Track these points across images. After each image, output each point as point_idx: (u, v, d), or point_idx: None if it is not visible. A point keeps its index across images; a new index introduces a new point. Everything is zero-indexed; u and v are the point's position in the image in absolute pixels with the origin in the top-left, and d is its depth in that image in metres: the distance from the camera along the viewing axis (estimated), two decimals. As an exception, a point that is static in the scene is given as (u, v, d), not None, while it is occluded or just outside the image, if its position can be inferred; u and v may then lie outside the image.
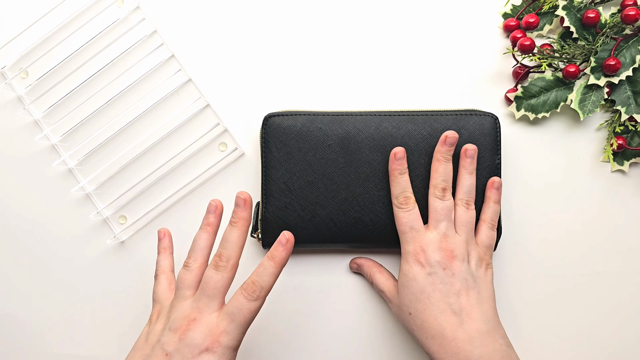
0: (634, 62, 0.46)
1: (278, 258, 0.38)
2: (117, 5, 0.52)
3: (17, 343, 0.52)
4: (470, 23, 0.51)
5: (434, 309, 0.39)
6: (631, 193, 0.49)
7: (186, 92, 0.52)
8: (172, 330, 0.37)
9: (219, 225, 0.42)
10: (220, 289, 0.38)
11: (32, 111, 0.53)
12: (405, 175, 0.44)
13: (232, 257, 0.39)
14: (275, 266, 0.38)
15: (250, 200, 0.40)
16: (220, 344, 0.36)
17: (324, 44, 0.52)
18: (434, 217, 0.43)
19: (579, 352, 0.49)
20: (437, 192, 0.43)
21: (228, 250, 0.39)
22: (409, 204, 0.43)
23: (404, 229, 0.43)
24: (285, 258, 0.38)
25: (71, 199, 0.52)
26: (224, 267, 0.38)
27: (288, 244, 0.38)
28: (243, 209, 0.40)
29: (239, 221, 0.40)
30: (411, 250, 0.42)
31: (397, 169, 0.44)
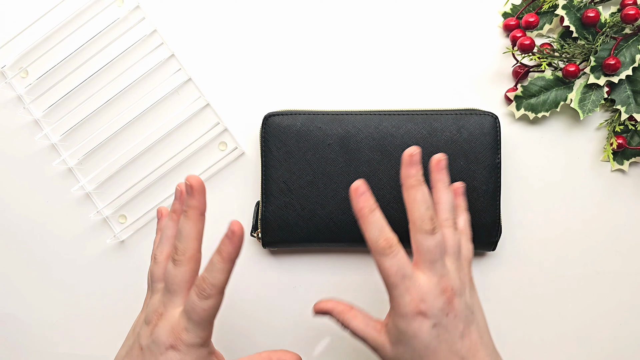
0: (634, 61, 0.46)
1: (225, 253, 0.34)
2: (117, 4, 0.52)
3: (17, 343, 0.52)
4: (470, 23, 0.51)
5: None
6: (631, 192, 0.49)
7: (186, 91, 0.52)
8: (146, 324, 0.36)
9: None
10: (179, 283, 0.36)
11: (32, 110, 0.53)
12: (377, 211, 0.36)
13: (188, 249, 0.36)
14: (223, 262, 0.34)
15: (199, 185, 0.36)
16: (182, 342, 0.34)
17: (323, 43, 0.52)
18: (427, 258, 0.35)
19: (579, 351, 0.49)
20: (425, 226, 0.35)
21: (182, 242, 0.36)
22: (393, 247, 0.35)
23: (394, 280, 0.35)
24: (232, 253, 0.34)
25: (71, 198, 0.52)
26: (181, 261, 0.35)
27: (234, 237, 0.34)
28: (191, 196, 0.36)
29: (189, 210, 0.36)
30: (408, 303, 0.34)
31: (365, 206, 0.35)
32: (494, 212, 0.46)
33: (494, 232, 0.46)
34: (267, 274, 0.51)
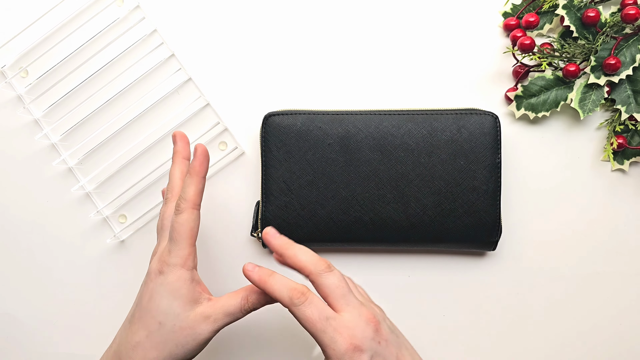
0: (634, 61, 0.46)
1: (191, 168, 0.39)
2: (117, 4, 0.52)
3: (17, 343, 0.52)
4: (470, 22, 0.51)
5: None
6: (631, 192, 0.49)
7: (186, 91, 0.52)
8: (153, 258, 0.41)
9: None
10: (168, 218, 0.41)
11: (32, 110, 0.53)
12: (275, 273, 0.37)
13: (174, 188, 0.42)
14: (190, 176, 0.39)
15: (181, 134, 0.44)
16: (166, 264, 0.38)
17: (323, 43, 0.52)
18: (338, 294, 0.35)
19: (579, 351, 0.49)
20: (320, 267, 0.36)
21: (170, 184, 0.42)
22: (306, 294, 0.35)
23: (320, 325, 0.34)
24: (197, 167, 0.39)
25: (71, 198, 0.52)
26: (169, 199, 0.41)
27: (196, 153, 0.39)
28: (175, 145, 0.44)
29: (174, 155, 0.43)
30: (341, 343, 0.33)
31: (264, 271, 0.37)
32: (494, 212, 0.46)
33: (494, 232, 0.46)
34: (267, 273, 0.51)
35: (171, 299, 0.37)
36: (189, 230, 0.38)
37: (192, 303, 0.37)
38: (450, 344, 0.49)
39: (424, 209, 0.46)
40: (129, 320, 0.38)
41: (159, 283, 0.37)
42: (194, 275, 0.38)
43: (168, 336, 0.36)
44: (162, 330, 0.36)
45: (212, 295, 0.40)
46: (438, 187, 0.46)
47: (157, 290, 0.37)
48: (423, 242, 0.47)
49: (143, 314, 0.37)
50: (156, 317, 0.37)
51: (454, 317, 0.50)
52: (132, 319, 0.38)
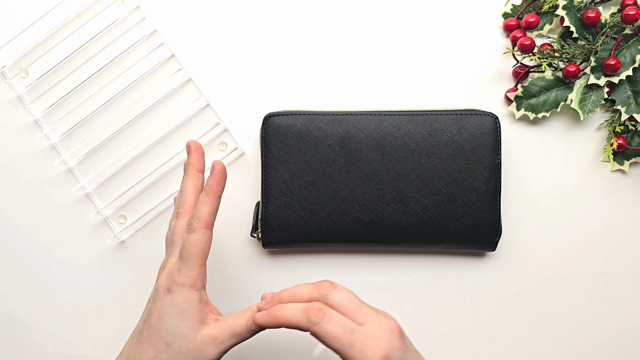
0: (634, 61, 0.46)
1: (207, 187, 0.38)
2: (117, 4, 0.52)
3: (17, 343, 0.52)
4: (470, 23, 0.51)
5: None
6: (631, 193, 0.49)
7: (186, 91, 0.52)
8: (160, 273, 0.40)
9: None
10: (178, 234, 0.39)
11: (32, 111, 0.53)
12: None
13: (186, 202, 0.40)
14: (206, 195, 0.37)
15: (196, 146, 0.41)
16: (175, 283, 0.37)
17: (323, 43, 0.52)
18: (353, 308, 0.35)
19: (579, 351, 0.49)
20: (324, 288, 0.36)
21: (181, 198, 0.40)
22: (323, 310, 0.34)
23: (346, 339, 0.33)
24: (214, 186, 0.37)
25: (71, 198, 0.52)
26: (181, 214, 0.40)
27: (214, 172, 0.38)
28: (189, 157, 0.41)
29: (187, 167, 0.41)
30: (371, 355, 0.32)
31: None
32: (494, 212, 0.46)
33: (494, 232, 0.46)
34: (267, 274, 0.51)
35: (179, 320, 0.37)
36: (201, 250, 0.37)
37: (200, 324, 0.37)
38: (450, 344, 0.49)
39: (424, 210, 0.46)
40: (137, 337, 0.38)
41: (167, 303, 0.37)
42: (203, 296, 0.38)
43: (175, 357, 0.36)
44: (170, 351, 0.36)
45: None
46: (438, 187, 0.46)
47: (166, 310, 0.37)
48: (423, 243, 0.47)
49: (151, 333, 0.37)
50: (164, 337, 0.36)
51: (454, 317, 0.50)
52: (140, 337, 0.38)
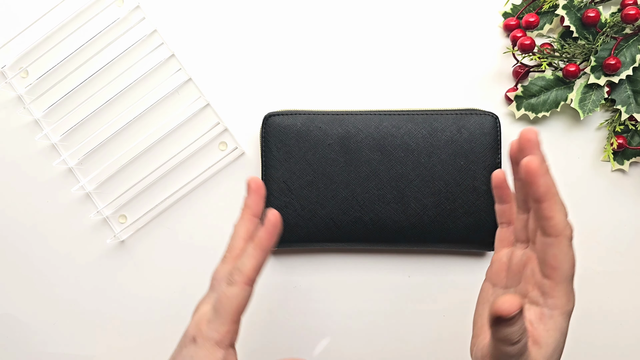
0: (634, 61, 0.46)
1: (257, 239, 0.34)
2: (117, 4, 0.52)
3: (17, 343, 0.52)
4: (470, 23, 0.51)
5: None
6: (631, 192, 0.49)
7: (186, 91, 0.52)
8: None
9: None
10: (219, 280, 0.36)
11: (32, 110, 0.53)
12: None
13: (234, 248, 0.36)
14: (254, 248, 0.34)
15: (257, 186, 0.36)
16: (202, 334, 0.33)
17: (323, 43, 0.52)
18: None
19: (579, 351, 0.49)
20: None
21: (232, 240, 0.37)
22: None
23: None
24: (264, 240, 0.33)
25: (71, 198, 0.52)
26: (227, 259, 0.36)
27: (268, 224, 0.33)
28: (247, 197, 0.36)
29: (243, 210, 0.37)
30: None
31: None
32: (494, 212, 0.46)
33: (494, 232, 0.46)
34: (267, 274, 0.51)
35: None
36: (236, 307, 0.33)
37: None
38: (451, 344, 0.49)
39: (424, 209, 0.46)
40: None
41: (189, 355, 0.34)
42: (228, 356, 0.34)
43: None
44: None
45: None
46: (438, 187, 0.46)
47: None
48: (423, 242, 0.47)
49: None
50: None
51: (454, 317, 0.49)
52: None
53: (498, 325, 0.27)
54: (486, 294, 0.37)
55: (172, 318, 0.51)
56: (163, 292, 0.51)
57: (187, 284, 0.51)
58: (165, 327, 0.51)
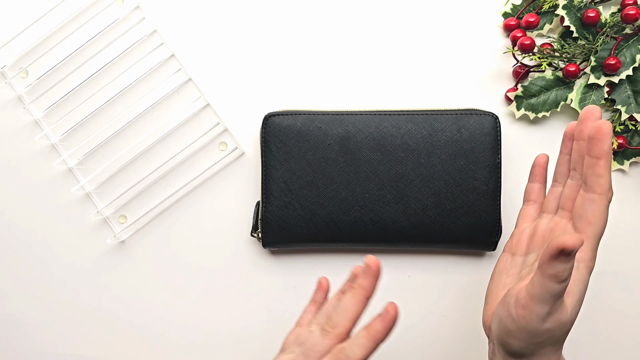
0: (634, 61, 0.46)
1: (372, 330, 0.33)
2: (117, 4, 0.52)
3: (17, 343, 0.52)
4: (470, 23, 0.51)
5: None
6: (631, 192, 0.49)
7: (186, 91, 0.52)
8: None
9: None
10: (319, 352, 0.34)
11: (32, 110, 0.53)
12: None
13: (340, 325, 0.35)
14: (367, 338, 0.33)
15: (376, 268, 0.35)
16: None
17: (323, 43, 0.52)
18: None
19: (578, 351, 0.49)
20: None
21: (338, 316, 0.35)
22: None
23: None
24: (380, 332, 0.33)
25: (71, 198, 0.52)
26: (329, 333, 0.35)
27: (387, 317, 0.33)
28: (364, 276, 0.35)
29: (358, 289, 0.35)
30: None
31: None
32: (494, 212, 0.46)
33: (494, 232, 0.46)
34: (267, 274, 0.51)
35: None
36: None
37: None
38: (451, 344, 0.49)
39: (424, 210, 0.46)
40: None
41: None
42: None
43: None
44: None
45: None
46: (438, 187, 0.46)
47: None
48: (423, 243, 0.47)
49: None
50: None
51: (454, 317, 0.50)
52: None
53: (555, 261, 0.29)
54: (505, 263, 0.39)
55: (172, 318, 0.51)
56: (163, 292, 0.51)
57: (187, 284, 0.51)
58: (165, 327, 0.51)
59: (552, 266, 0.29)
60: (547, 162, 0.41)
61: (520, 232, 0.39)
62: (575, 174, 0.36)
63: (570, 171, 0.37)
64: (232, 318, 0.51)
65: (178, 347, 0.51)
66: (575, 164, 0.36)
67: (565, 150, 0.38)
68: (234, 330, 0.51)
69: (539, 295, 0.30)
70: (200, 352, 0.51)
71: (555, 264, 0.29)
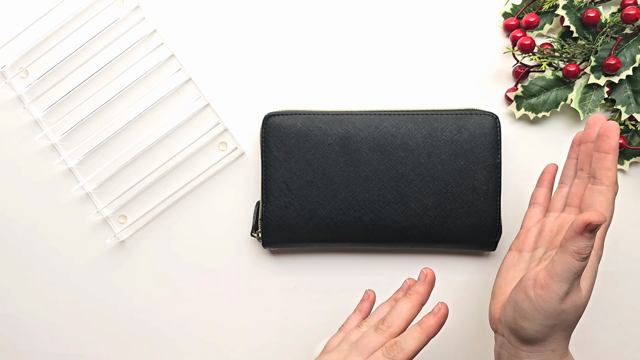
0: (634, 61, 0.46)
1: (425, 325, 0.35)
2: (117, 4, 0.52)
3: (18, 343, 0.52)
4: (470, 23, 0.51)
5: None
6: (631, 192, 0.49)
7: (186, 91, 0.52)
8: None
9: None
10: (371, 349, 0.36)
11: (32, 110, 0.53)
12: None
13: (394, 325, 0.37)
14: (420, 332, 0.35)
15: (432, 277, 0.38)
16: None
17: (323, 43, 0.52)
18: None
19: (578, 351, 0.49)
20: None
21: (393, 317, 0.37)
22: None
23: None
24: (432, 327, 0.35)
25: (71, 198, 0.52)
26: (383, 331, 0.37)
27: (439, 313, 0.35)
28: (422, 283, 0.38)
29: (414, 294, 0.38)
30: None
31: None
32: (494, 212, 0.46)
33: (494, 232, 0.46)
34: (267, 273, 0.51)
35: None
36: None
37: None
38: (451, 344, 0.49)
39: (424, 210, 0.46)
40: None
41: None
42: None
43: None
44: None
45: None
46: (438, 187, 0.46)
47: None
48: (423, 243, 0.47)
49: None
50: None
51: (454, 317, 0.50)
52: None
53: (580, 237, 0.31)
54: (512, 260, 0.41)
55: (172, 317, 0.51)
56: (163, 292, 0.51)
57: (187, 284, 0.51)
58: (165, 327, 0.51)
59: (576, 242, 0.31)
60: (556, 171, 0.44)
61: (527, 230, 0.42)
62: (582, 173, 0.38)
63: (577, 172, 0.39)
64: (232, 318, 0.51)
65: (178, 346, 0.51)
66: (582, 164, 0.39)
67: (573, 155, 0.40)
68: (234, 330, 0.51)
69: (560, 273, 0.32)
70: (200, 352, 0.51)
71: (580, 240, 0.31)
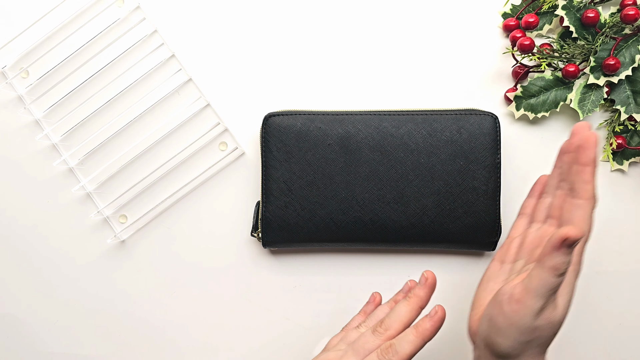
0: (634, 61, 0.46)
1: (421, 328, 0.36)
2: (118, 5, 0.52)
3: (18, 343, 0.52)
4: (470, 23, 0.51)
5: None
6: (631, 192, 0.49)
7: (186, 91, 0.52)
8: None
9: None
10: (367, 350, 0.36)
11: (33, 111, 0.53)
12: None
13: (390, 328, 0.37)
14: (416, 335, 0.35)
15: (432, 281, 0.38)
16: None
17: (323, 43, 0.52)
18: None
19: (578, 351, 0.49)
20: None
21: (391, 319, 0.38)
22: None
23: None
24: (428, 331, 0.35)
25: (72, 198, 0.52)
26: (380, 334, 0.37)
27: (435, 317, 0.36)
28: (421, 287, 0.39)
29: (413, 297, 0.38)
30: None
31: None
32: (494, 212, 0.46)
33: (493, 232, 0.47)
34: (267, 274, 0.51)
35: None
36: None
37: None
38: (451, 344, 0.49)
39: (424, 210, 0.46)
40: None
41: None
42: None
43: None
44: None
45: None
46: (438, 187, 0.46)
47: None
48: (423, 243, 0.47)
49: None
50: None
51: (454, 318, 0.50)
52: None
53: (557, 252, 0.30)
54: (493, 271, 0.40)
55: (172, 317, 0.51)
56: (163, 292, 0.51)
57: (187, 284, 0.51)
58: (166, 327, 0.51)
59: (552, 258, 0.30)
60: (547, 180, 0.42)
61: (510, 241, 0.41)
62: (565, 184, 0.37)
63: (560, 182, 0.38)
64: (232, 318, 0.51)
65: (178, 346, 0.51)
66: (565, 175, 0.37)
67: (558, 164, 0.39)
68: (234, 330, 0.51)
69: (536, 289, 0.31)
70: (200, 352, 0.51)
71: (557, 255, 0.30)
